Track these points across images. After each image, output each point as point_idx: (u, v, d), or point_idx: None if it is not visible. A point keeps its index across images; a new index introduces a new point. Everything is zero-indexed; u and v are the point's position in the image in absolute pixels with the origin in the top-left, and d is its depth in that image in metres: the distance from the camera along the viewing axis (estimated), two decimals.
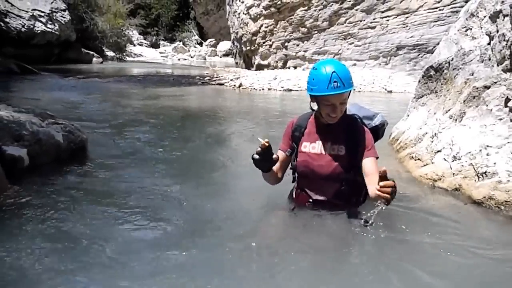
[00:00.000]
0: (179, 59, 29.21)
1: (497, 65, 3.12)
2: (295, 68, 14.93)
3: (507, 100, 2.93)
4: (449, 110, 3.52)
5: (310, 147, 2.36)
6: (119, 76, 14.27)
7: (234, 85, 12.02)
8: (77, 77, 12.50)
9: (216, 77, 14.27)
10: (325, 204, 2.37)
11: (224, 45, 30.98)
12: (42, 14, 16.69)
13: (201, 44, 36.11)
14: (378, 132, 2.64)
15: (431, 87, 4.09)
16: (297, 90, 11.09)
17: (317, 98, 2.24)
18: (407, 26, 12.56)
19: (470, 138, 3.07)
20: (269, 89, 11.46)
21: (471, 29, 3.71)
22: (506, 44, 2.97)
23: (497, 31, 3.17)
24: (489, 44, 3.31)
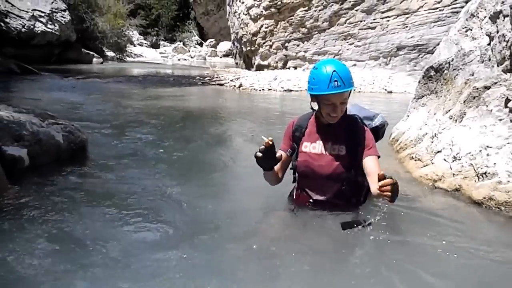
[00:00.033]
0: (179, 60, 29.24)
1: (497, 66, 3.12)
2: (295, 69, 14.94)
3: (507, 101, 2.93)
4: (449, 111, 3.52)
5: (311, 147, 2.36)
6: (119, 77, 14.27)
7: (234, 86, 12.03)
8: (77, 78, 12.51)
9: (216, 78, 14.28)
10: (326, 205, 2.36)
11: (224, 46, 31.00)
12: (42, 15, 16.70)
13: (201, 45, 36.13)
14: (378, 133, 2.64)
15: (431, 88, 4.09)
16: (297, 91, 11.10)
17: (318, 98, 2.24)
18: (407, 27, 12.56)
19: (470, 139, 3.07)
20: (269, 90, 11.47)
21: (471, 30, 3.71)
22: (506, 45, 2.97)
23: (497, 32, 3.17)
24: (489, 45, 3.32)
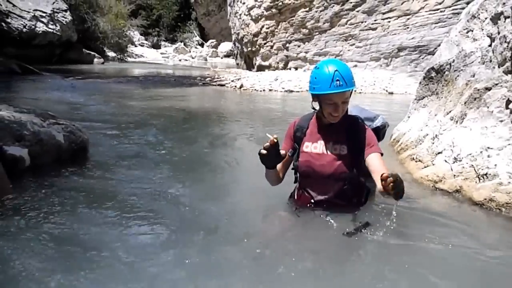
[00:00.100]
0: (180, 60, 29.27)
1: (498, 67, 3.12)
2: (296, 69, 14.95)
3: (508, 102, 2.93)
4: (450, 112, 3.52)
5: (312, 147, 2.36)
6: (120, 77, 14.29)
7: (235, 86, 12.03)
8: (78, 78, 12.52)
9: (217, 78, 14.29)
10: (327, 205, 2.36)
11: (225, 46, 31.02)
12: (44, 15, 16.72)
13: (202, 45, 36.16)
14: (379, 134, 2.64)
15: (432, 89, 4.09)
16: (298, 91, 11.10)
17: (319, 97, 2.24)
18: (408, 28, 12.56)
19: (471, 140, 3.07)
20: (270, 90, 11.47)
21: (472, 31, 3.70)
22: (507, 46, 2.97)
23: (498, 33, 3.17)
24: (490, 46, 3.31)
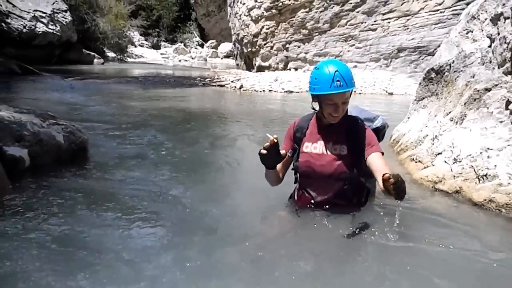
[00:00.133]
0: (180, 61, 29.28)
1: (498, 68, 3.12)
2: (296, 70, 14.96)
3: (508, 103, 2.93)
4: (450, 113, 3.52)
5: (312, 147, 2.36)
6: (120, 77, 14.29)
7: (235, 87, 12.03)
8: (78, 78, 12.52)
9: (217, 79, 14.30)
10: (328, 205, 2.36)
11: (225, 47, 31.03)
12: (44, 15, 16.73)
13: (202, 46, 36.18)
14: (379, 135, 2.64)
15: (432, 90, 4.09)
16: (298, 92, 11.11)
17: (320, 98, 2.24)
18: (408, 29, 12.57)
19: (471, 141, 3.07)
20: (270, 91, 11.47)
21: (472, 32, 3.71)
22: (507, 47, 2.97)
23: (498, 34, 3.17)
24: (490, 47, 3.31)
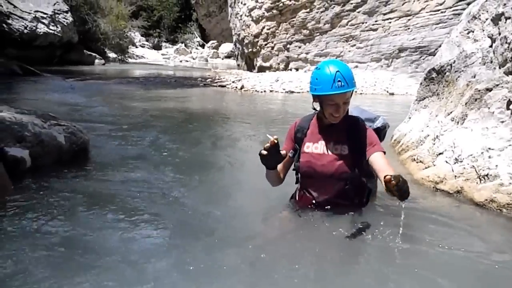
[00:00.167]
0: (181, 61, 29.32)
1: (499, 68, 3.11)
2: (297, 70, 14.96)
3: (509, 103, 2.92)
4: (451, 113, 3.51)
5: (313, 147, 2.36)
6: (121, 78, 14.31)
7: (236, 87, 12.04)
8: (79, 79, 12.55)
9: (218, 79, 14.31)
10: (329, 206, 2.36)
11: (226, 47, 31.04)
12: (45, 16, 16.76)
13: (203, 46, 36.20)
14: (380, 135, 2.63)
15: (433, 90, 4.09)
16: (299, 92, 11.11)
17: (321, 98, 2.24)
18: (409, 29, 12.56)
19: (472, 141, 3.07)
20: (271, 91, 11.47)
21: (473, 32, 3.70)
22: (508, 47, 2.97)
23: (499, 34, 3.16)
24: (491, 47, 3.31)
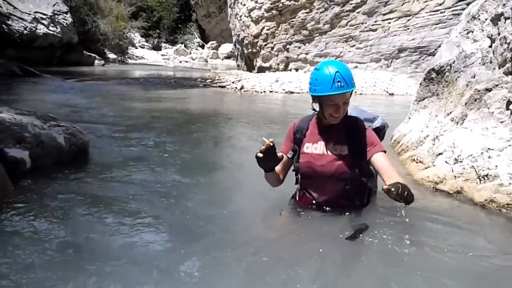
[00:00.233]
0: (181, 62, 29.35)
1: (499, 68, 3.11)
2: (297, 71, 14.96)
3: (509, 103, 2.92)
4: (451, 113, 3.51)
5: (313, 148, 2.36)
6: (121, 79, 14.32)
7: (236, 88, 12.04)
8: (79, 80, 12.56)
9: (218, 80, 14.32)
10: (329, 206, 2.36)
11: (226, 48, 31.08)
12: (44, 17, 16.78)
13: (203, 47, 36.23)
14: (379, 135, 2.63)
15: (433, 90, 4.09)
16: (299, 93, 11.11)
17: (320, 98, 2.24)
18: (409, 29, 12.57)
19: (472, 141, 3.07)
20: (271, 92, 11.48)
21: (473, 32, 3.70)
22: (508, 47, 2.97)
23: (499, 34, 3.16)
24: (491, 47, 3.31)
